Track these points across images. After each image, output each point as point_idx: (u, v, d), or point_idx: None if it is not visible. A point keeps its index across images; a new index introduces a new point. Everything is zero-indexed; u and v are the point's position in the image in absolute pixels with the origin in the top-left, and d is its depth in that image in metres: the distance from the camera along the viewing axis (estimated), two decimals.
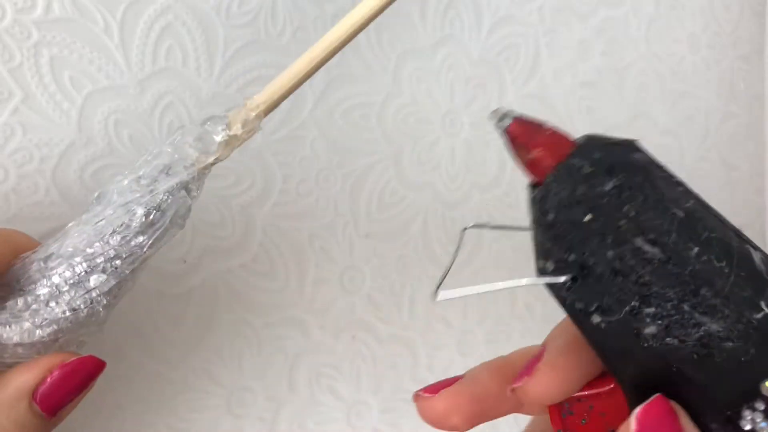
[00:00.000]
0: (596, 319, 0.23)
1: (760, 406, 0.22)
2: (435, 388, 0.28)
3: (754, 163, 0.56)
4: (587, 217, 0.23)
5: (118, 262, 0.29)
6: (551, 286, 0.24)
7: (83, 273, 0.29)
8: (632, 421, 0.22)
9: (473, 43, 0.45)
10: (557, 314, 0.26)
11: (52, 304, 0.29)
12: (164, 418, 0.40)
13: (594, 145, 0.24)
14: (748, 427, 0.22)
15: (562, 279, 0.24)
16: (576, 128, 0.49)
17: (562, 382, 0.26)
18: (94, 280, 0.29)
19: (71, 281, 0.29)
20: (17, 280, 0.30)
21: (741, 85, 0.55)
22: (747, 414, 0.22)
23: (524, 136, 0.25)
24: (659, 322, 0.22)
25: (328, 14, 0.41)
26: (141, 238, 0.29)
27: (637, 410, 0.23)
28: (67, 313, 0.29)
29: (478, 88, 0.46)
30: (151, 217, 0.29)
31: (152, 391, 0.39)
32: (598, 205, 0.23)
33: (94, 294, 0.29)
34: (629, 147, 0.24)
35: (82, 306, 0.29)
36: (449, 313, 0.47)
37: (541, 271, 0.25)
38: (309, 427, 0.44)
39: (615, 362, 0.24)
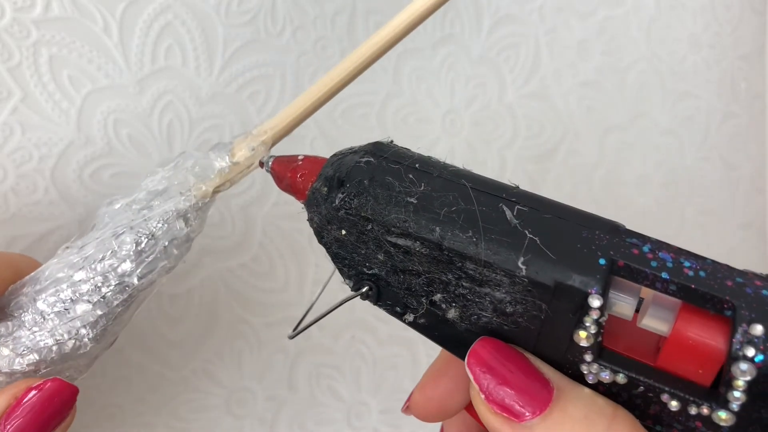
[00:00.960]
0: (410, 317, 0.25)
1: (588, 357, 0.21)
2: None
3: (754, 162, 0.56)
4: (343, 232, 0.24)
5: (105, 290, 0.27)
6: (369, 301, 0.25)
7: (69, 300, 0.27)
8: (467, 371, 0.22)
9: (473, 42, 0.45)
10: None
11: (35, 330, 0.27)
12: (164, 419, 0.40)
13: (330, 162, 0.25)
14: (591, 380, 0.22)
15: (362, 291, 0.25)
16: (576, 128, 0.49)
17: (436, 400, 0.28)
18: (79, 309, 0.27)
19: (56, 309, 0.27)
20: (9, 304, 0.28)
21: (742, 85, 0.55)
22: (584, 368, 0.22)
23: (282, 170, 0.27)
24: (454, 304, 0.23)
25: (328, 14, 0.41)
26: (128, 266, 0.27)
27: (466, 359, 0.22)
28: (50, 342, 0.27)
29: (479, 88, 0.46)
30: (143, 245, 0.27)
31: (152, 391, 0.39)
32: (342, 219, 0.24)
33: (78, 324, 0.27)
34: (361, 153, 0.25)
35: (65, 336, 0.27)
36: None
37: (351, 289, 0.26)
38: (309, 428, 0.44)
39: (458, 353, 0.24)
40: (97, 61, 0.36)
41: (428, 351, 0.46)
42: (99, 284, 0.27)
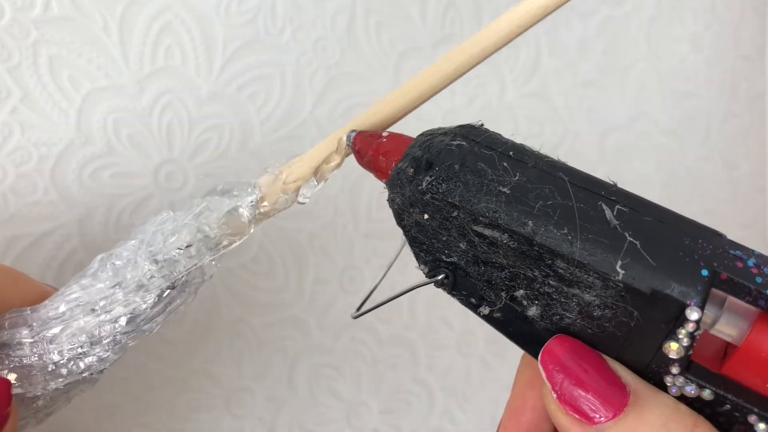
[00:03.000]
0: (485, 310, 0.23)
1: (675, 369, 0.20)
2: None
3: (755, 162, 0.56)
4: (425, 217, 0.23)
5: (123, 339, 0.26)
6: (442, 289, 0.24)
7: (86, 346, 0.26)
8: (540, 368, 0.21)
9: None
10: None
11: (48, 378, 0.26)
12: (164, 419, 0.40)
13: (418, 143, 0.24)
14: (674, 393, 0.21)
15: (438, 278, 0.24)
16: (576, 128, 0.49)
17: None
18: (94, 357, 0.26)
19: (69, 354, 0.26)
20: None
21: (742, 85, 0.55)
22: (668, 380, 0.21)
23: (365, 147, 0.26)
24: (536, 302, 0.22)
25: (328, 14, 0.41)
26: (150, 324, 0.27)
27: (539, 356, 0.22)
28: (60, 386, 0.26)
29: (479, 88, 0.46)
30: (164, 295, 0.26)
31: (152, 391, 0.39)
32: (427, 203, 0.23)
33: (93, 369, 0.26)
34: (452, 135, 0.23)
35: (78, 378, 0.26)
36: (449, 314, 0.47)
37: (425, 275, 0.24)
38: (308, 428, 0.44)
39: (531, 351, 0.23)
40: (97, 61, 0.36)
41: (428, 351, 0.46)
42: (119, 334, 0.26)
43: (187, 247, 0.27)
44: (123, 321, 0.26)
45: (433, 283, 0.24)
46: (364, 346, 0.45)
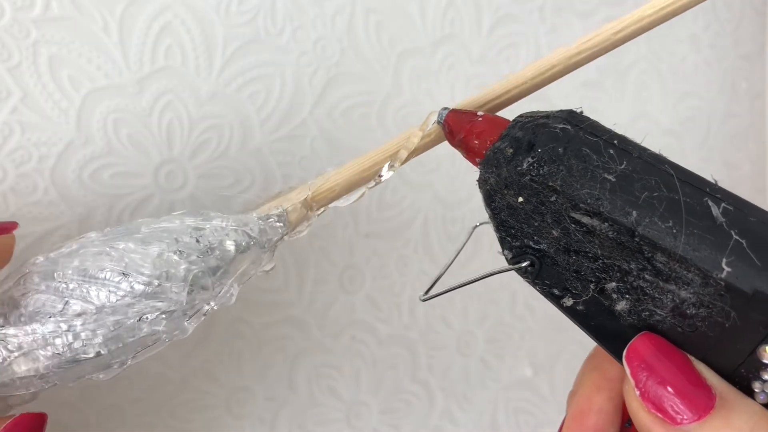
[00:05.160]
0: (569, 302, 0.23)
1: (767, 375, 0.20)
2: None
3: (755, 163, 0.56)
4: (520, 200, 0.22)
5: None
6: (524, 276, 0.24)
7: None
8: (624, 365, 0.21)
9: (474, 42, 0.45)
10: (558, 313, 0.26)
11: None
12: (164, 418, 0.40)
13: (519, 124, 0.23)
14: (762, 399, 0.20)
15: (522, 265, 0.23)
16: None
17: None
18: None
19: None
20: None
21: (743, 85, 0.55)
22: (757, 386, 0.20)
23: (458, 125, 0.25)
24: (627, 296, 0.21)
25: (328, 14, 0.41)
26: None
27: (625, 352, 0.21)
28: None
29: (479, 88, 0.46)
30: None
31: (152, 391, 0.39)
32: (524, 185, 0.22)
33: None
34: (555, 119, 0.23)
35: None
36: (449, 313, 0.47)
37: (507, 261, 0.24)
38: (309, 428, 0.44)
39: (611, 348, 0.23)
40: (97, 61, 0.36)
41: (428, 351, 0.46)
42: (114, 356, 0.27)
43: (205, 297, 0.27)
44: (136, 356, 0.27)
45: (515, 270, 0.23)
46: (364, 346, 0.45)
